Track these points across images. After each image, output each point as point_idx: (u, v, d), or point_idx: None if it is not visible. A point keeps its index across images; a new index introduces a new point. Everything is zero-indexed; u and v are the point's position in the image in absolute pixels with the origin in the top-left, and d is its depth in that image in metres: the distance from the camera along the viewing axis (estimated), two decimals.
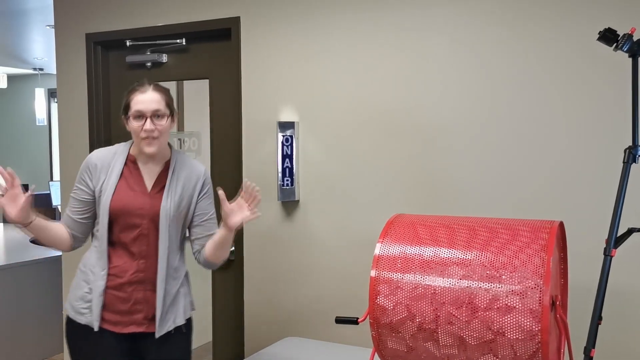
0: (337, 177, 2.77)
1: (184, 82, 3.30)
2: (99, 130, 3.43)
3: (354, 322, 1.91)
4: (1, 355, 4.35)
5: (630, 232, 1.78)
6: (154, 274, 2.14)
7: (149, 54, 3.27)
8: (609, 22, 2.19)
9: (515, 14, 2.40)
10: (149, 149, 2.11)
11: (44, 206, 6.75)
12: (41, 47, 6.50)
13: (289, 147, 2.80)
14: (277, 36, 2.87)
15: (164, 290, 2.14)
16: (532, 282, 1.63)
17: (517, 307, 1.62)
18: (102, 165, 2.16)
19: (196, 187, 2.22)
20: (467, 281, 1.70)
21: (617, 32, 1.74)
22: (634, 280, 2.25)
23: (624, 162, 1.75)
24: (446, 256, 1.76)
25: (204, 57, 3.16)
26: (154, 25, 3.20)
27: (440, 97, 2.54)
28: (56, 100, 3.89)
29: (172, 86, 3.32)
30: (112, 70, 3.45)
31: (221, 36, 3.04)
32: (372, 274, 1.82)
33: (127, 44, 3.29)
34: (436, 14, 2.53)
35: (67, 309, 2.20)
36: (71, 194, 2.20)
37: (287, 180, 2.81)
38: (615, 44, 1.73)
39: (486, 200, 2.47)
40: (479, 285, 1.68)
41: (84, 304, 2.14)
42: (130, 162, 2.18)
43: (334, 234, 2.79)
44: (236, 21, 2.96)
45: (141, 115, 2.08)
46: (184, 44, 3.16)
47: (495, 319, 1.65)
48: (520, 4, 2.39)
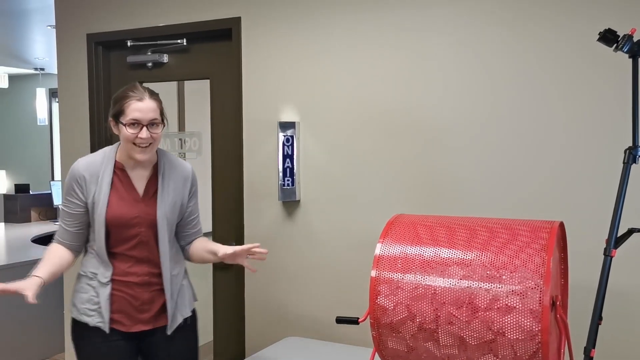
0: (337, 177, 2.77)
1: (185, 82, 3.30)
2: (100, 129, 3.43)
3: (355, 322, 1.91)
4: (2, 355, 4.36)
5: (630, 232, 1.78)
6: (159, 276, 2.17)
7: (149, 54, 3.27)
8: (609, 23, 2.19)
9: (515, 14, 2.40)
10: (142, 157, 2.10)
11: (45, 206, 6.76)
12: (42, 47, 6.50)
13: (290, 147, 2.81)
14: (278, 36, 2.87)
15: (171, 290, 2.18)
16: (533, 282, 1.63)
17: (518, 307, 1.63)
18: (90, 176, 2.12)
19: (185, 187, 2.25)
20: (467, 281, 1.70)
21: (617, 33, 1.74)
22: (634, 280, 2.25)
23: (624, 163, 1.75)
24: (446, 256, 1.77)
25: (205, 57, 3.16)
26: (155, 25, 3.20)
27: (440, 97, 2.54)
28: (57, 100, 3.89)
29: (172, 86, 3.32)
30: (113, 70, 3.46)
31: (222, 36, 3.04)
32: (373, 274, 1.83)
33: (128, 44, 3.29)
34: (436, 14, 2.54)
35: (72, 311, 2.20)
36: (62, 208, 2.18)
37: (288, 180, 2.81)
38: (615, 45, 1.73)
39: (486, 200, 2.47)
40: (479, 285, 1.69)
41: (91, 305, 2.14)
42: (118, 170, 2.16)
43: (335, 233, 2.79)
44: (237, 21, 2.97)
45: (137, 123, 2.07)
46: (184, 44, 3.17)
47: (495, 319, 1.65)
48: (520, 4, 2.39)
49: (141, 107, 2.07)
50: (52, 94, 8.61)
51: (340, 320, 1.96)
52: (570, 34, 2.31)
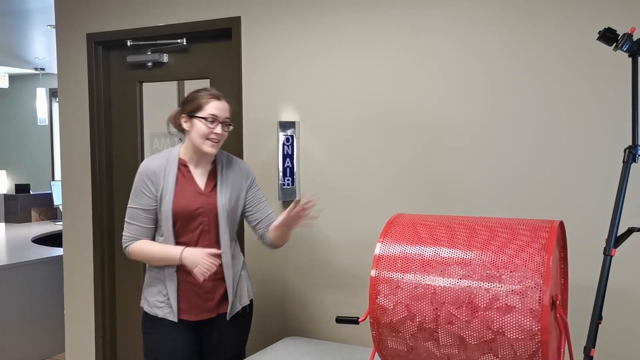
0: (337, 177, 2.77)
1: (185, 81, 3.30)
2: (100, 129, 3.43)
3: (355, 321, 1.91)
4: (3, 354, 4.36)
5: (630, 231, 1.78)
6: (219, 265, 2.32)
7: (149, 53, 3.27)
8: (609, 22, 2.19)
9: (515, 14, 2.40)
10: (211, 150, 2.31)
11: (45, 206, 6.76)
12: (42, 47, 6.50)
13: (290, 146, 2.81)
14: (278, 36, 2.87)
15: (232, 278, 2.37)
16: (532, 282, 1.63)
17: (517, 306, 1.63)
18: (159, 171, 2.32)
19: (242, 181, 2.44)
20: (467, 281, 1.70)
21: (617, 32, 1.74)
22: (634, 279, 2.25)
23: (623, 162, 1.75)
24: (446, 256, 1.77)
25: (205, 57, 3.16)
26: (155, 25, 3.20)
27: (440, 97, 2.54)
28: (57, 99, 3.89)
29: (172, 86, 3.32)
30: (113, 70, 3.46)
31: (222, 36, 3.04)
32: (373, 273, 1.83)
33: (128, 43, 3.29)
34: (436, 14, 2.54)
35: (144, 304, 2.40)
36: (133, 207, 2.33)
37: (288, 179, 2.82)
38: (615, 44, 1.73)
39: (486, 200, 2.47)
40: (479, 284, 1.69)
41: (161, 297, 2.34)
42: (181, 166, 2.36)
43: (334, 233, 2.79)
44: (237, 21, 2.97)
45: (215, 120, 2.28)
46: (184, 43, 3.17)
47: (495, 318, 1.65)
48: (520, 4, 2.39)
49: (220, 105, 2.31)
50: (52, 94, 8.61)
51: (340, 320, 1.96)
52: (570, 34, 2.31)
